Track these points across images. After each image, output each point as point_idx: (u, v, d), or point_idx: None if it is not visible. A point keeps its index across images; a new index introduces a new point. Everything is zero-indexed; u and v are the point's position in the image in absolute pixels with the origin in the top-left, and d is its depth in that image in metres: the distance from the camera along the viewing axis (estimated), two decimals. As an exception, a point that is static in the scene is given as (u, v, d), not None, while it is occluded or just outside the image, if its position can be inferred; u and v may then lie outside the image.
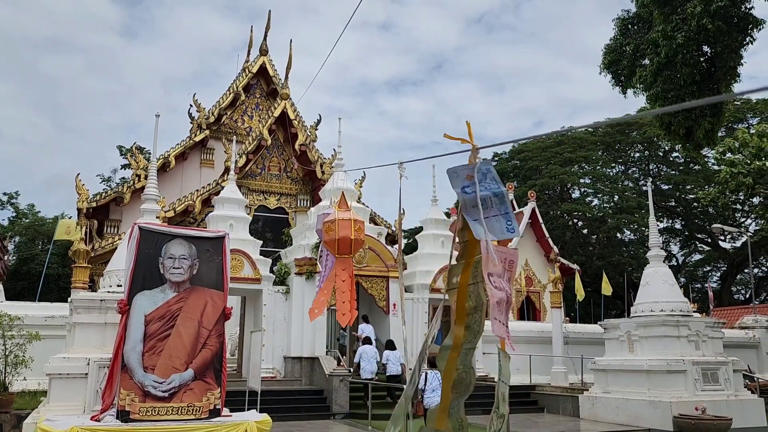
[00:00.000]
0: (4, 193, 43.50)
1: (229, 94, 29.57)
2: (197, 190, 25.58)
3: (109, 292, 10.62)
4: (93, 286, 19.26)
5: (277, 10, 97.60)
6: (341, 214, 7.59)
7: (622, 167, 46.50)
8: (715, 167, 34.37)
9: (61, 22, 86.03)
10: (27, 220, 43.61)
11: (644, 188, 40.13)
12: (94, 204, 24.42)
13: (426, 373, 9.42)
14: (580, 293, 23.66)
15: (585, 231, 44.81)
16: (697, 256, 45.94)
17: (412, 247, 25.01)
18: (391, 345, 16.14)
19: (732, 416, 12.60)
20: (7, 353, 11.93)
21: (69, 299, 10.81)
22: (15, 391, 12.42)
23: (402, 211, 6.61)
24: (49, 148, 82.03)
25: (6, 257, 30.11)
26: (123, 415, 8.58)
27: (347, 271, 7.23)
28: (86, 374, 9.58)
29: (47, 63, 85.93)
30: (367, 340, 15.96)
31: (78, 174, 24.44)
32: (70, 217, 35.03)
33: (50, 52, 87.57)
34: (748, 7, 13.23)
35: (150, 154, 15.19)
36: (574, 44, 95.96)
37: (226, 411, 9.42)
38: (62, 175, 71.63)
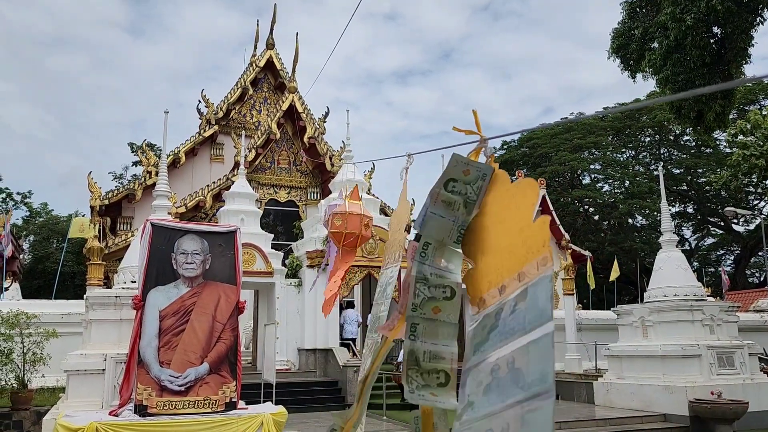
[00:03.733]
0: (18, 193, 43.97)
1: (237, 88, 29.61)
2: (208, 186, 25.70)
3: (123, 288, 10.72)
4: (108, 282, 19.45)
5: (283, 3, 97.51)
6: (349, 207, 7.59)
7: (633, 152, 46.16)
8: (727, 150, 34.06)
9: (67, 20, 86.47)
10: (41, 219, 44.06)
11: (655, 173, 39.84)
12: (106, 202, 24.62)
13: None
14: (592, 281, 23.59)
15: (596, 217, 44.60)
16: (710, 240, 45.64)
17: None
18: (350, 305, 18.70)
19: (748, 400, 12.53)
20: (25, 351, 12.09)
21: (84, 296, 10.92)
22: (34, 388, 12.59)
23: (412, 201, 6.60)
24: (59, 146, 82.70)
25: (21, 256, 30.46)
26: (141, 410, 8.68)
27: (349, 263, 7.26)
28: (103, 370, 9.70)
29: (54, 61, 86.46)
30: (350, 304, 18.89)
31: (90, 172, 24.66)
32: (83, 215, 35.35)
33: (57, 50, 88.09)
34: (759, -14, 13.05)
35: (160, 150, 15.28)
36: (581, 29, 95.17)
37: (241, 404, 9.51)
38: (73, 172, 72.21)
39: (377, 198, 21.57)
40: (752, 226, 39.46)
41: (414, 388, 2.52)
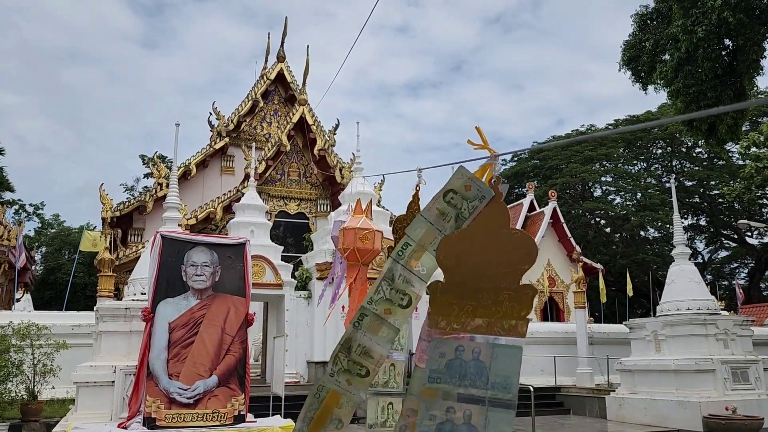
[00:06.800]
0: (30, 204, 44.33)
1: (248, 101, 29.80)
2: (218, 198, 25.80)
3: (133, 300, 10.74)
4: (118, 294, 19.51)
5: (294, 16, 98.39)
6: (360, 222, 7.58)
7: (644, 164, 45.91)
8: (740, 162, 33.82)
9: (82, 34, 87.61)
10: (53, 230, 44.39)
11: (667, 185, 39.63)
12: (117, 213, 24.75)
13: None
14: (603, 295, 23.38)
15: (608, 229, 44.30)
16: (723, 253, 45.16)
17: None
18: None
19: (763, 416, 12.35)
20: (35, 362, 12.11)
21: (95, 308, 10.95)
22: (44, 399, 12.59)
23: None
24: (72, 158, 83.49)
25: (33, 267, 30.67)
26: (149, 422, 8.66)
27: (362, 278, 7.26)
28: (113, 382, 9.69)
29: (69, 74, 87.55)
30: None
31: (102, 184, 24.87)
32: (94, 228, 35.59)
33: (72, 63, 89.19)
34: (770, -2, 12.99)
35: (171, 162, 15.37)
36: (593, 40, 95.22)
37: (250, 417, 9.47)
38: (86, 184, 72.87)
39: (387, 210, 21.54)
40: (766, 239, 39.02)
41: (335, 370, 2.71)
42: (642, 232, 43.27)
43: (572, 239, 29.53)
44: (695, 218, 43.62)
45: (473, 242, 2.52)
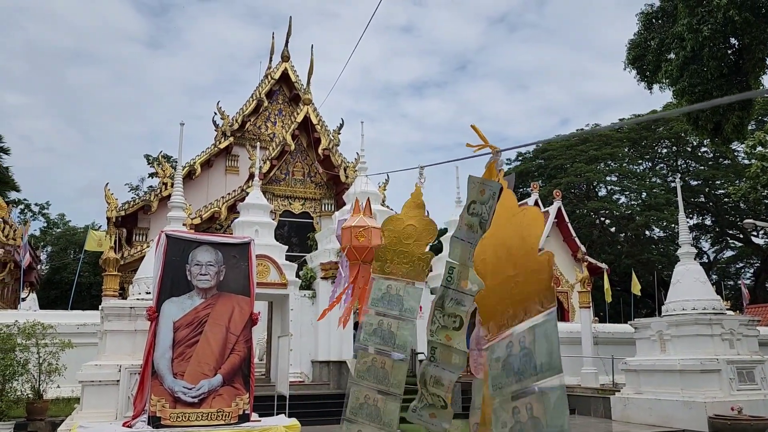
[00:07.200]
0: (36, 204, 44.51)
1: (252, 100, 29.83)
2: (223, 197, 25.83)
3: (138, 299, 10.76)
4: (123, 293, 19.54)
5: (298, 16, 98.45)
6: (357, 220, 7.61)
7: (649, 164, 45.76)
8: (746, 161, 33.70)
9: (87, 35, 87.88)
10: (58, 230, 44.56)
11: (672, 184, 39.45)
12: (122, 213, 24.81)
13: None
14: (608, 294, 23.29)
15: (613, 229, 44.19)
16: (729, 253, 45.03)
17: (437, 249, 24.87)
18: None
19: (770, 416, 12.29)
20: (41, 361, 12.15)
21: (100, 307, 10.98)
22: (49, 398, 12.63)
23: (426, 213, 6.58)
24: (78, 158, 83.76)
25: (39, 267, 30.77)
26: (154, 421, 8.68)
27: (365, 278, 7.28)
28: (118, 381, 9.72)
29: (74, 74, 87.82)
30: None
31: (107, 183, 24.89)
32: (99, 227, 35.71)
33: (77, 64, 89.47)
34: (777, -4, 12.94)
35: (176, 162, 15.41)
36: (597, 40, 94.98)
37: (254, 416, 9.48)
38: (91, 184, 73.07)
39: (392, 210, 21.53)
40: (772, 239, 38.87)
41: (419, 406, 2.82)
42: (647, 232, 43.13)
43: (577, 239, 29.46)
44: (701, 218, 43.48)
45: (496, 239, 2.57)
